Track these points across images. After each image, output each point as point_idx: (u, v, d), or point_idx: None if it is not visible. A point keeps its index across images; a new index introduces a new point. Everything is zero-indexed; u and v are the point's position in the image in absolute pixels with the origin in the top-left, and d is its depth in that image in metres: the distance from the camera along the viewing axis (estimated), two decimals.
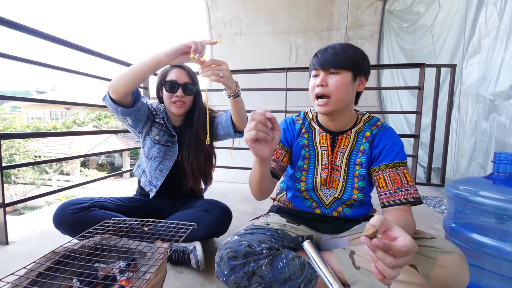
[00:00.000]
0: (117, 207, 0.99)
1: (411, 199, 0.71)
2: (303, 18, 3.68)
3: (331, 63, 0.72)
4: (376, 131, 0.80)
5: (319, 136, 0.85)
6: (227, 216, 0.98)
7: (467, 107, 1.87)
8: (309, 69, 0.81)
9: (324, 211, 0.86)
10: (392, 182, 0.73)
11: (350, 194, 0.80)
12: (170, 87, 1.00)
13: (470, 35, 1.87)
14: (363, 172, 0.79)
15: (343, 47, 0.75)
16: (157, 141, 1.07)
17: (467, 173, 1.85)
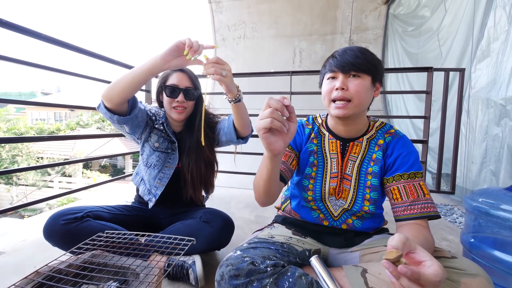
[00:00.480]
0: (113, 217, 0.94)
1: (428, 213, 0.66)
2: (307, 22, 3.66)
3: (352, 66, 0.68)
4: (389, 139, 0.75)
5: (329, 142, 0.80)
6: (229, 227, 0.93)
7: (476, 112, 1.81)
8: (323, 71, 0.75)
9: (332, 223, 0.80)
10: (408, 194, 0.68)
11: (361, 206, 0.75)
12: (170, 92, 0.96)
13: (478, 39, 1.82)
14: (375, 183, 0.74)
15: (362, 50, 0.71)
16: (156, 148, 1.02)
17: (478, 180, 1.78)
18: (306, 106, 2.46)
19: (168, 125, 1.03)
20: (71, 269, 0.55)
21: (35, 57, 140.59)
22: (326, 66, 0.74)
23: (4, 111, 10.51)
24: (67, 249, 0.72)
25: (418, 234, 0.62)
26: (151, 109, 1.04)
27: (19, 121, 10.45)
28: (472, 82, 1.85)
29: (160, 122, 1.02)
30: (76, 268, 0.55)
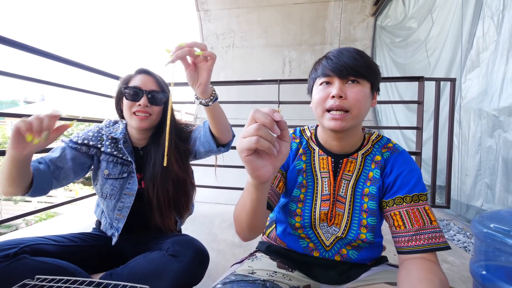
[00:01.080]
0: (61, 250, 0.77)
1: (437, 245, 0.55)
2: (297, 32, 3.66)
3: (351, 70, 0.57)
4: (388, 155, 0.64)
5: (319, 159, 0.68)
6: (201, 261, 0.78)
7: (469, 123, 1.77)
8: (313, 75, 0.64)
9: (323, 255, 0.68)
10: (412, 221, 0.57)
11: (357, 233, 0.63)
12: (131, 94, 0.81)
13: (467, 49, 1.81)
14: (373, 206, 0.62)
15: (360, 52, 0.60)
16: (107, 176, 0.86)
17: (473, 193, 1.72)
18: (297, 116, 2.38)
19: (126, 141, 0.87)
20: None
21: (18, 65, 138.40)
22: (318, 69, 0.61)
23: None
24: None
25: (429, 275, 0.50)
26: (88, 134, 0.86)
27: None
28: (462, 92, 1.82)
29: (106, 143, 0.85)
30: None
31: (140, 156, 0.89)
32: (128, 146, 0.87)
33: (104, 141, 0.86)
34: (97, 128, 0.89)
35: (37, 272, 0.66)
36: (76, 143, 0.84)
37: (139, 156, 0.90)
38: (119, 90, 0.85)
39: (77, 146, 0.84)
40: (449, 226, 1.70)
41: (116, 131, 0.88)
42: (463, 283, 1.00)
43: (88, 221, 1.44)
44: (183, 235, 0.90)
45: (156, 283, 0.71)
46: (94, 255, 0.85)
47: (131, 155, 0.87)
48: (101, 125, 0.91)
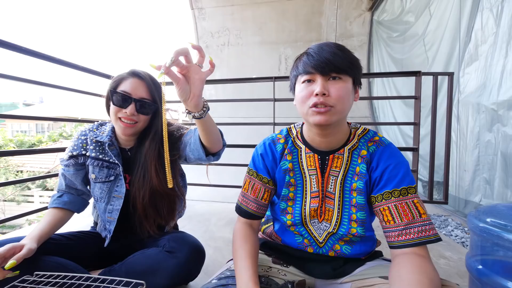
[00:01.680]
0: (59, 248, 0.77)
1: (427, 238, 0.54)
2: (292, 28, 3.63)
3: (333, 66, 0.56)
4: (373, 149, 0.63)
5: (306, 157, 0.68)
6: (198, 257, 0.78)
7: (467, 118, 1.75)
8: (294, 72, 0.63)
9: (317, 251, 0.68)
10: (401, 215, 0.57)
11: (348, 228, 0.63)
12: (119, 100, 0.78)
13: (465, 43, 1.79)
14: (361, 201, 0.62)
15: (340, 47, 0.59)
16: (95, 179, 0.85)
17: (472, 189, 1.71)
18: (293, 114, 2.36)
19: (112, 144, 0.84)
20: None
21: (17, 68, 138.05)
22: (299, 66, 0.60)
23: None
24: None
25: (419, 272, 0.50)
26: (76, 142, 0.86)
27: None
28: (460, 86, 1.80)
29: (91, 147, 0.84)
30: None
31: (128, 158, 0.87)
32: (115, 148, 0.85)
33: (88, 145, 0.85)
34: (77, 135, 0.87)
35: (36, 269, 0.66)
36: (66, 161, 0.85)
37: (127, 157, 0.87)
38: (108, 91, 0.81)
39: (68, 163, 0.85)
40: (447, 221, 1.69)
41: (102, 134, 0.86)
42: (460, 278, 0.99)
43: (87, 220, 1.44)
44: (179, 232, 0.90)
45: (153, 279, 0.71)
46: (92, 253, 0.85)
47: (118, 157, 0.85)
48: (85, 130, 0.88)
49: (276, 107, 1.89)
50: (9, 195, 8.77)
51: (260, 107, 3.04)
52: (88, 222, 0.98)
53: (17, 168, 9.63)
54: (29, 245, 0.66)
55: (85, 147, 0.85)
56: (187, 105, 0.61)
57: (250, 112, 3.26)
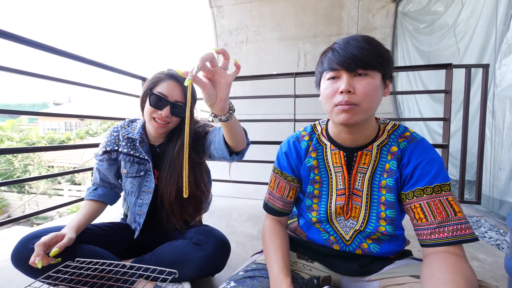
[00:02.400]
0: (94, 237, 0.83)
1: (462, 237, 0.51)
2: (311, 23, 3.56)
3: (359, 61, 0.53)
4: (404, 145, 0.60)
5: (331, 154, 0.66)
6: (224, 250, 0.80)
7: (504, 113, 1.63)
8: (320, 68, 0.60)
9: (344, 248, 0.67)
10: (434, 213, 0.54)
11: (376, 226, 0.61)
12: (155, 101, 0.81)
13: (502, 32, 1.66)
14: (391, 198, 0.60)
15: (369, 39, 0.56)
16: (126, 174, 0.89)
17: (508, 188, 1.59)
18: (312, 110, 2.32)
19: (143, 141, 0.88)
20: None
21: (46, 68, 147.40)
22: (324, 63, 0.58)
23: (17, 121, 10.87)
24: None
25: (454, 272, 0.47)
26: (108, 138, 0.91)
27: (31, 131, 10.76)
28: (496, 79, 1.68)
29: (123, 144, 0.88)
30: None
31: (157, 154, 0.91)
32: (145, 145, 0.89)
33: (121, 142, 0.89)
34: (110, 132, 0.92)
35: (76, 256, 0.71)
36: (100, 156, 0.90)
37: (156, 153, 0.91)
38: (145, 91, 0.85)
39: (102, 158, 0.90)
40: (480, 222, 1.59)
41: (133, 131, 0.90)
42: (496, 282, 0.94)
43: (116, 212, 1.53)
44: (205, 225, 0.92)
45: (181, 270, 0.74)
46: (123, 243, 0.90)
47: (148, 154, 0.88)
48: (117, 126, 0.93)
49: (296, 103, 1.87)
50: (42, 188, 9.50)
51: (279, 104, 3.03)
52: (117, 214, 1.04)
53: (48, 164, 10.38)
54: (69, 234, 0.72)
55: (117, 143, 0.90)
56: (213, 109, 0.60)
57: (269, 109, 3.26)
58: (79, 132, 12.14)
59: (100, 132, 12.05)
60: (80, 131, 12.41)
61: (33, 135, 10.42)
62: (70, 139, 11.66)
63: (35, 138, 10.30)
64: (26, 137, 9.92)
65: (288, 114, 1.98)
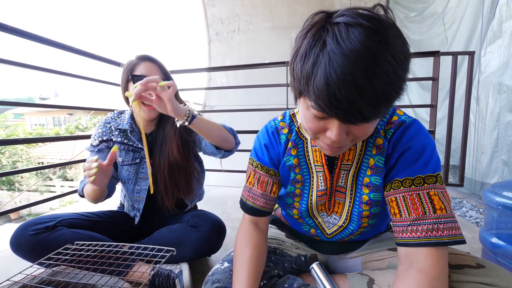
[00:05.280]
0: (92, 224, 0.85)
1: (438, 239, 0.43)
2: (304, 12, 3.53)
3: (362, 118, 0.37)
4: (391, 133, 0.51)
5: (312, 150, 0.58)
6: (219, 232, 0.83)
7: (487, 99, 1.69)
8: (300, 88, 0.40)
9: (324, 240, 0.67)
10: (409, 208, 0.46)
11: (358, 224, 0.57)
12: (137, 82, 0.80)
13: (488, 19, 1.70)
14: (377, 197, 0.53)
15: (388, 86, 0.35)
16: (122, 163, 0.91)
17: (489, 171, 1.68)
18: None
19: (134, 130, 0.90)
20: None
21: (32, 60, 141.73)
22: (310, 92, 0.37)
23: (2, 117, 10.50)
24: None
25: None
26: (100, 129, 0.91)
27: (17, 127, 10.44)
28: (481, 66, 1.73)
29: (116, 133, 0.89)
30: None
31: (149, 142, 0.92)
32: (136, 134, 0.91)
33: (114, 132, 0.91)
34: (103, 123, 0.92)
35: (74, 241, 0.73)
36: (96, 146, 0.89)
37: (148, 141, 0.92)
38: (125, 78, 0.84)
39: (100, 147, 0.90)
40: (462, 203, 1.68)
41: (123, 122, 0.91)
42: (473, 254, 1.01)
43: (111, 204, 1.54)
44: (200, 210, 0.95)
45: (179, 251, 0.77)
46: (121, 230, 0.92)
47: (140, 141, 0.90)
48: (107, 118, 0.93)
49: (289, 92, 1.89)
50: (32, 185, 9.32)
51: (272, 94, 3.03)
52: (112, 206, 1.05)
53: (38, 160, 10.15)
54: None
55: (111, 133, 0.91)
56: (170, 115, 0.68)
57: (262, 100, 3.26)
58: (69, 127, 11.84)
59: (90, 126, 11.79)
60: (70, 126, 12.10)
61: (20, 131, 10.11)
62: (59, 135, 11.38)
63: (22, 134, 10.01)
64: (12, 133, 9.63)
65: (281, 104, 2.00)
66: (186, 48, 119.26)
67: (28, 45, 60.21)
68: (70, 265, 0.55)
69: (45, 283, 0.47)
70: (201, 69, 2.19)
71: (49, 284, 0.47)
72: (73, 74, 1.52)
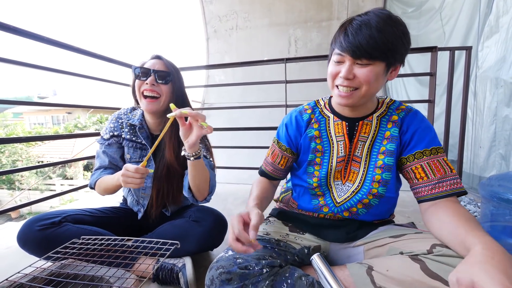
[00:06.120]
0: (96, 220, 0.86)
1: (458, 189, 0.60)
2: (302, 8, 3.52)
3: (365, 52, 0.56)
4: (403, 115, 0.68)
5: (334, 124, 0.72)
6: (221, 226, 0.85)
7: (484, 93, 1.71)
8: (332, 46, 0.65)
9: (332, 210, 0.72)
10: (434, 171, 0.62)
11: (369, 188, 0.68)
12: (140, 73, 0.85)
13: (485, 14, 1.71)
14: (390, 162, 0.66)
15: (380, 25, 0.56)
16: (129, 159, 0.92)
17: (487, 165, 1.70)
18: (303, 97, 2.36)
19: (142, 127, 0.91)
20: (35, 283, 0.47)
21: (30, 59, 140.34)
22: (336, 42, 0.62)
23: (1, 116, 10.47)
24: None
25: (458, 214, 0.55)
26: (111, 124, 0.92)
27: (17, 126, 10.41)
28: (479, 61, 1.74)
29: (126, 130, 0.91)
30: (41, 282, 0.48)
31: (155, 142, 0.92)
32: (144, 131, 0.92)
33: (124, 128, 0.92)
34: (115, 118, 0.94)
35: (79, 236, 0.75)
36: (107, 140, 0.91)
37: (154, 142, 0.92)
38: (133, 74, 0.88)
39: (111, 141, 0.91)
40: (460, 197, 1.70)
41: (134, 118, 0.93)
42: None
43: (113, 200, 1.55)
44: (202, 205, 0.97)
45: (182, 245, 0.78)
46: (124, 225, 0.94)
47: (147, 139, 0.92)
48: (120, 113, 0.96)
49: (287, 89, 1.90)
50: (33, 184, 9.33)
51: (271, 91, 3.04)
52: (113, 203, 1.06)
53: (37, 159, 10.15)
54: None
55: (122, 129, 0.93)
56: (184, 144, 0.72)
57: (261, 97, 3.27)
58: (67, 126, 11.81)
59: (89, 125, 11.76)
60: (69, 124, 12.07)
61: (19, 130, 10.09)
62: (58, 133, 11.35)
63: (21, 134, 9.99)
64: (12, 132, 9.61)
65: (280, 101, 2.01)
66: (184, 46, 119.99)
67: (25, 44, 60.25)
68: (78, 258, 0.56)
69: (54, 275, 0.49)
70: (200, 66, 2.19)
71: (58, 276, 0.49)
72: (71, 72, 1.50)
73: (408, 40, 0.60)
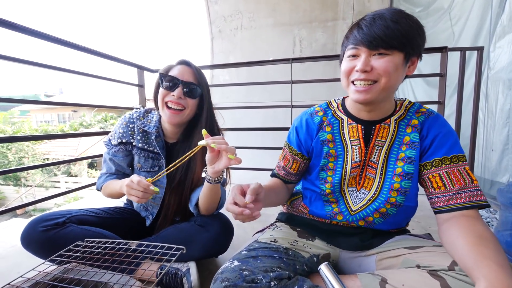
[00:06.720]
0: (101, 221, 0.85)
1: (478, 203, 0.55)
2: (306, 8, 3.48)
3: (381, 41, 0.54)
4: (423, 119, 0.63)
5: (348, 128, 0.68)
6: (227, 232, 0.83)
7: (496, 95, 1.66)
8: (344, 43, 0.62)
9: (347, 218, 0.69)
10: (453, 181, 0.57)
11: (387, 197, 0.63)
12: (167, 83, 0.79)
13: (497, 14, 1.66)
14: (410, 169, 0.62)
15: (395, 17, 0.55)
16: (140, 168, 0.89)
17: (499, 169, 1.65)
18: (308, 98, 2.33)
19: (159, 136, 0.86)
20: (39, 287, 0.46)
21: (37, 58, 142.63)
22: (350, 39, 0.60)
23: (8, 114, 10.64)
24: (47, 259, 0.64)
25: (472, 238, 0.50)
26: (121, 129, 0.88)
27: (24, 124, 10.56)
28: (490, 62, 1.70)
29: (138, 137, 0.86)
30: (43, 287, 0.46)
31: (170, 152, 0.90)
32: (161, 140, 0.87)
33: (136, 135, 0.87)
34: (125, 121, 0.88)
35: (83, 238, 0.74)
36: (115, 146, 0.87)
37: (168, 151, 0.90)
38: (158, 79, 0.84)
39: (117, 149, 0.87)
40: None
41: (149, 124, 0.87)
42: None
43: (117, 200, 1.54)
44: None
45: (187, 250, 0.76)
46: (129, 226, 0.93)
47: (162, 149, 0.87)
48: (132, 117, 0.89)
49: (293, 90, 1.87)
50: (38, 182, 9.45)
51: (275, 91, 3.01)
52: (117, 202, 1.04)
53: (43, 156, 10.28)
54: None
55: (133, 135, 0.87)
56: (208, 168, 0.71)
57: (265, 97, 3.25)
58: (73, 124, 11.94)
59: (94, 123, 11.88)
60: (74, 123, 12.21)
61: (26, 128, 10.24)
62: (64, 131, 11.49)
63: (28, 131, 10.12)
64: (19, 130, 9.76)
65: (284, 102, 1.98)
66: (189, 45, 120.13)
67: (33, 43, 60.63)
68: (81, 262, 0.55)
69: (57, 280, 0.48)
70: (204, 66, 2.18)
71: (62, 281, 0.48)
72: (78, 71, 1.51)
73: (423, 32, 0.58)
